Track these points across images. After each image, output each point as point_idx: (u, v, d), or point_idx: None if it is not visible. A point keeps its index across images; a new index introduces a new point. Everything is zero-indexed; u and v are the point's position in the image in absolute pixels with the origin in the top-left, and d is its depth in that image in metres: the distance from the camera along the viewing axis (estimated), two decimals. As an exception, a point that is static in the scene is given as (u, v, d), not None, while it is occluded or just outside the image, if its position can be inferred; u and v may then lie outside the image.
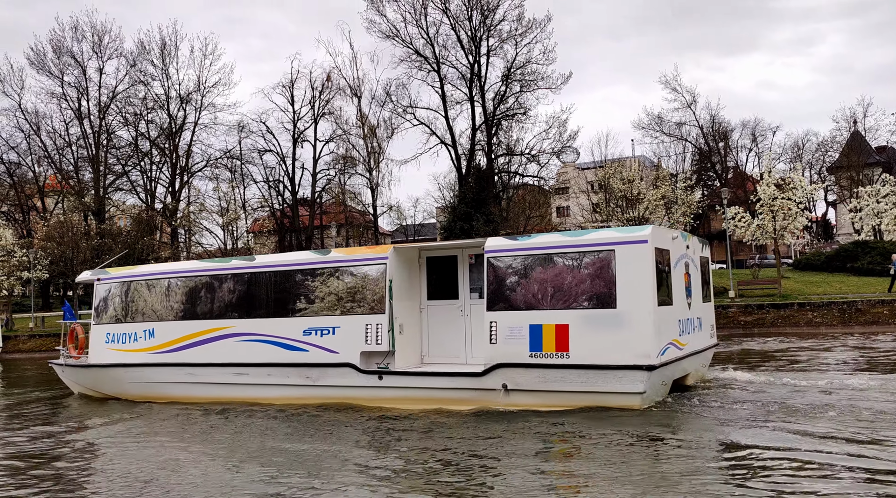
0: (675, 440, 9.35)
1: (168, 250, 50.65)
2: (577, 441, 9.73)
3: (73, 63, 50.63)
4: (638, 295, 11.30)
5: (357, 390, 13.32)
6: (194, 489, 8.22)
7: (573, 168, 63.74)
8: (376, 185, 53.45)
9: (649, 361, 11.08)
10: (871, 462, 7.84)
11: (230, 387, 14.52)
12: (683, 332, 12.68)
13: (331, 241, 61.03)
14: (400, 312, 13.50)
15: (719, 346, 15.94)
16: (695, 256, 13.91)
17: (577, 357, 11.51)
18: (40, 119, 52.80)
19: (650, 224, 35.72)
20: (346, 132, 54.34)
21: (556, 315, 11.75)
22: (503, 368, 11.98)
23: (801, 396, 11.90)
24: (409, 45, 48.93)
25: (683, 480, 7.51)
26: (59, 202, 55.75)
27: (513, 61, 48.59)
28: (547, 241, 12.42)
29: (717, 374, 14.74)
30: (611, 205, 44.03)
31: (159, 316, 15.78)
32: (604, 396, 11.38)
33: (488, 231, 42.70)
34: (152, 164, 53.86)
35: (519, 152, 51.04)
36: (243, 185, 57.06)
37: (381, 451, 9.76)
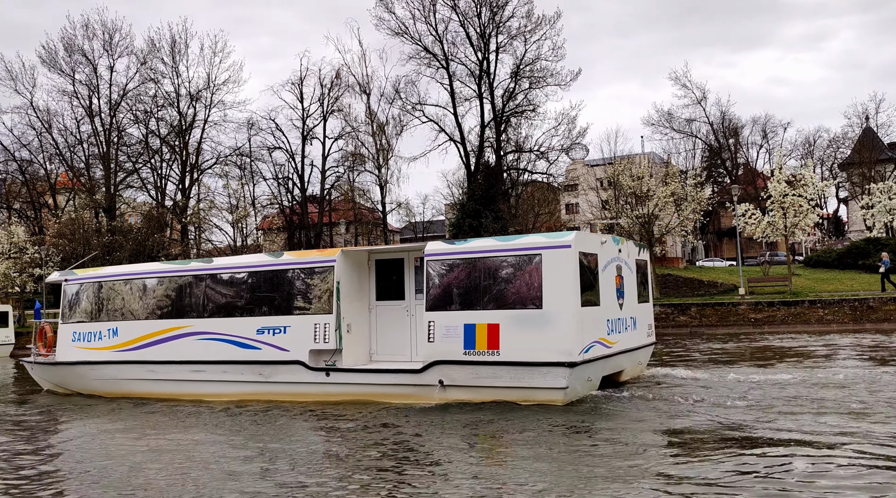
0: (587, 431, 10.18)
1: (178, 247, 50.90)
2: (502, 431, 10.47)
3: (85, 61, 50.95)
4: (562, 296, 12.02)
5: (306, 387, 13.92)
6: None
7: (582, 165, 63.55)
8: (385, 182, 53.49)
9: (571, 359, 11.79)
10: (747, 458, 8.28)
11: (189, 383, 15.13)
12: (613, 331, 13.41)
13: (340, 238, 61.13)
14: (348, 312, 14.16)
15: (658, 344, 16.99)
16: (629, 259, 14.65)
17: (506, 354, 12.19)
18: (52, 117, 53.18)
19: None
20: (355, 129, 54.43)
21: (487, 315, 12.44)
22: (440, 365, 12.64)
23: (729, 391, 12.67)
24: (418, 42, 48.95)
25: (589, 461, 8.49)
26: (71, 199, 56.09)
27: (522, 58, 48.52)
28: (480, 245, 13.12)
29: (664, 371, 15.72)
30: (620, 202, 43.82)
31: (122, 315, 16.42)
32: (530, 391, 12.06)
33: (497, 228, 42.65)
34: (162, 162, 54.13)
35: (528, 149, 50.94)
36: (253, 183, 57.26)
37: (325, 442, 10.44)
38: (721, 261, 61.87)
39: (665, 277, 40.10)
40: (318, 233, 56.42)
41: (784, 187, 35.64)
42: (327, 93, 53.89)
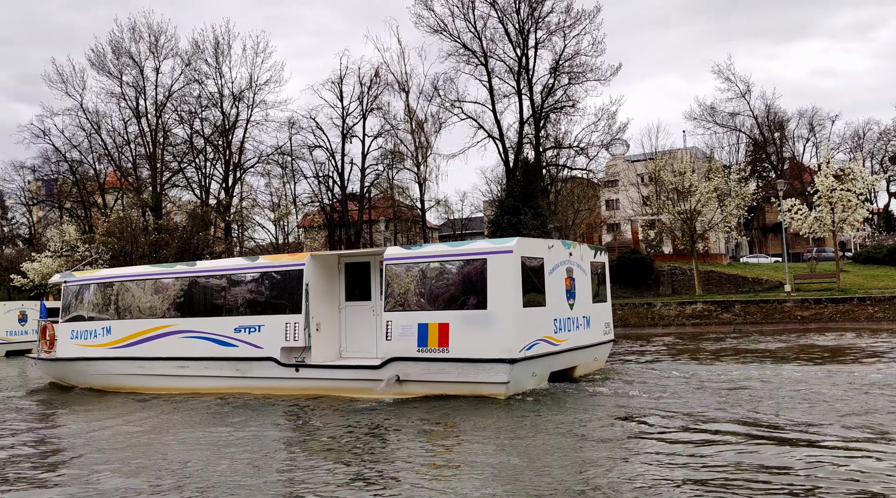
0: (520, 422, 11.08)
1: (222, 245, 51.88)
2: (448, 422, 11.50)
3: (132, 63, 52.16)
4: (504, 298, 12.89)
5: (278, 381, 15.05)
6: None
7: (623, 160, 62.87)
8: (424, 179, 53.74)
9: (512, 356, 12.67)
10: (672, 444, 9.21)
11: (174, 378, 16.31)
12: (561, 329, 14.27)
13: (379, 235, 61.61)
14: (317, 311, 15.12)
15: (617, 342, 17.85)
16: (582, 262, 15.56)
17: (455, 352, 13.08)
18: (101, 118, 54.58)
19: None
20: (394, 127, 54.75)
21: (439, 315, 13.36)
22: (396, 362, 13.57)
23: (676, 385, 13.63)
24: (457, 39, 48.96)
25: (525, 443, 9.68)
26: (119, 199, 57.59)
27: (561, 53, 48.20)
28: (433, 250, 14.24)
29: (619, 366, 17.01)
30: (661, 197, 43.31)
31: (115, 315, 17.65)
32: (476, 386, 12.98)
33: (536, 225, 42.50)
34: (206, 161, 55.20)
35: (567, 145, 50.59)
36: (294, 181, 58.08)
37: (295, 432, 11.56)
38: (766, 257, 60.60)
39: (708, 274, 39.49)
40: (358, 231, 56.94)
41: (832, 182, 34.80)
42: (367, 91, 54.34)
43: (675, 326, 33.22)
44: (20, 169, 62.16)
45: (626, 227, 60.52)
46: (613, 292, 41.55)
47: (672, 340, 27.68)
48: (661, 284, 40.46)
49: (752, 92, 61.37)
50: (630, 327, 34.16)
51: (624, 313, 35.32)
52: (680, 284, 40.16)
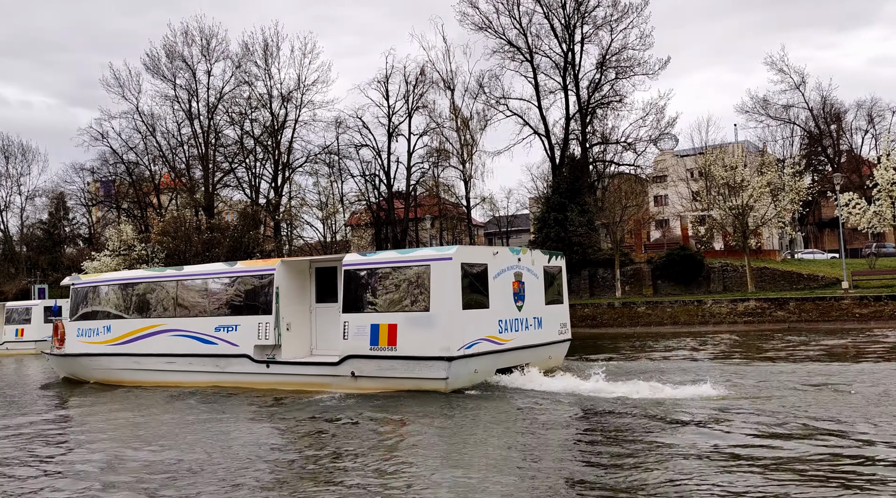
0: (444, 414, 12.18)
1: (272, 244, 52.89)
2: (393, 412, 12.78)
3: (184, 66, 53.54)
4: (445, 301, 13.98)
5: (251, 376, 16.40)
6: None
7: (671, 155, 61.77)
8: (469, 177, 53.72)
9: (450, 353, 13.79)
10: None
11: (164, 373, 17.81)
12: (507, 330, 15.26)
13: (425, 233, 61.87)
14: (287, 312, 16.41)
15: (572, 340, 18.58)
16: (534, 266, 16.49)
17: (402, 350, 14.29)
18: (155, 121, 56.22)
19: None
20: (440, 125, 54.88)
21: (388, 317, 14.55)
22: (352, 359, 14.85)
23: (612, 381, 14.11)
24: (502, 35, 48.81)
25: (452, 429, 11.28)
26: (173, 199, 59.21)
27: (608, 48, 47.62)
28: (385, 257, 15.56)
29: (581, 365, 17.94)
30: (712, 193, 42.39)
31: (113, 314, 19.23)
32: (420, 381, 14.15)
33: (583, 221, 42.10)
34: (256, 161, 56.29)
35: (614, 141, 50.01)
36: (341, 180, 58.76)
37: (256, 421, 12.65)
38: (822, 253, 58.80)
39: (761, 271, 38.55)
40: (405, 228, 57.31)
41: (892, 175, 33.63)
42: (412, 90, 54.61)
43: (727, 324, 32.54)
44: (80, 171, 64.56)
45: (675, 224, 59.46)
46: (662, 288, 40.93)
47: (730, 337, 27.14)
48: (712, 281, 39.66)
49: (806, 83, 59.39)
50: (680, 325, 33.60)
51: (674, 310, 34.76)
52: (731, 281, 39.30)
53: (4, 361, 31.26)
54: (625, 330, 34.30)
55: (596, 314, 36.68)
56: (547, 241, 43.68)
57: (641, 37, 47.26)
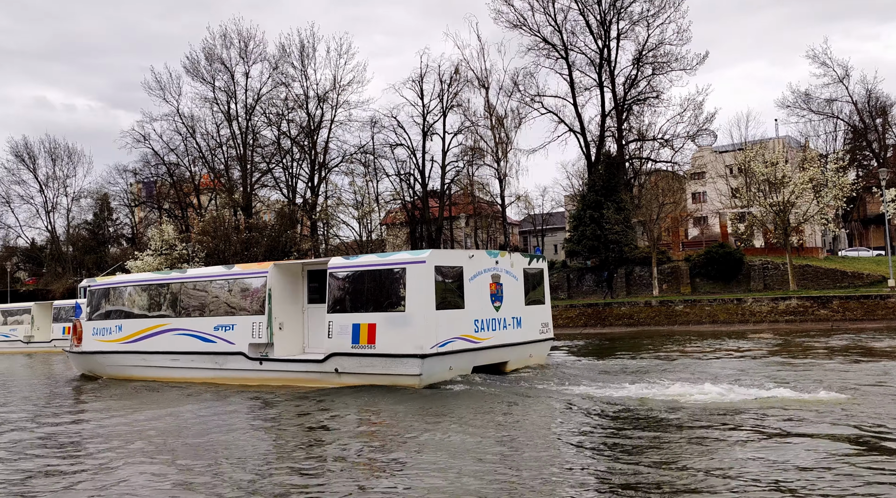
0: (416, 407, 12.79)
1: (308, 243, 53.53)
2: (370, 404, 13.55)
3: (223, 69, 54.51)
4: (419, 301, 14.70)
5: (246, 373, 17.26)
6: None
7: (710, 152, 60.82)
8: (504, 175, 53.65)
9: (423, 351, 14.45)
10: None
11: (168, 369, 18.75)
12: (483, 329, 15.88)
13: (460, 231, 61.96)
14: (280, 312, 17.17)
15: (555, 339, 19.03)
16: (513, 269, 17.09)
17: (380, 348, 15.02)
18: (195, 122, 57.36)
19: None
20: (474, 124, 54.92)
21: (368, 317, 15.29)
22: (336, 356, 15.59)
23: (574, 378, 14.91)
24: (537, 33, 48.64)
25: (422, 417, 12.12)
26: (213, 199, 60.31)
27: (644, 43, 47.11)
28: (366, 261, 16.20)
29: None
30: (752, 189, 41.67)
31: (124, 315, 20.31)
32: (396, 377, 14.85)
33: (619, 219, 41.73)
34: (293, 161, 57.05)
35: (651, 137, 49.46)
36: (376, 179, 59.18)
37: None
38: (867, 250, 57.26)
39: (803, 269, 37.76)
40: (439, 227, 57.48)
41: (941, 169, 32.57)
42: (447, 89, 54.73)
43: (768, 323, 31.97)
44: (123, 172, 66.24)
45: (714, 221, 58.56)
46: (700, 287, 40.39)
47: (771, 336, 26.67)
48: (752, 280, 38.98)
49: (850, 76, 57.83)
50: (719, 324, 33.11)
51: (712, 309, 34.26)
52: (772, 279, 38.57)
53: (53, 358, 32.23)
54: (662, 328, 33.92)
55: (633, 313, 36.34)
56: (583, 240, 43.40)
57: (679, 32, 46.68)
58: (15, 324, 41.73)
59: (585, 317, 37.37)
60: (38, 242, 71.79)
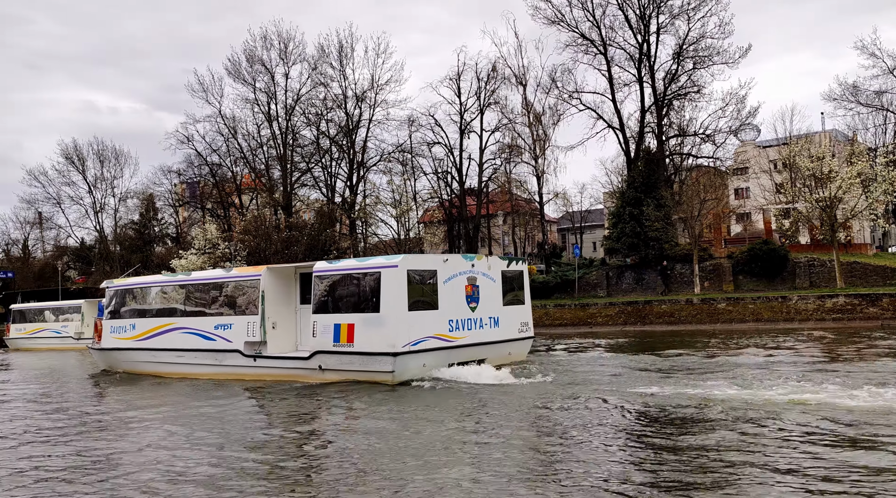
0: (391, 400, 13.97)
1: (347, 241, 54.04)
2: (349, 396, 14.89)
3: (264, 70, 55.25)
4: (392, 303, 15.83)
5: (242, 369, 18.51)
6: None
7: (753, 146, 59.56)
8: (542, 172, 53.33)
9: (395, 349, 15.59)
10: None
11: (175, 365, 20.08)
12: (458, 328, 16.86)
13: (497, 229, 61.88)
14: (273, 313, 18.37)
15: (535, 338, 20.35)
16: (490, 271, 18.04)
17: (358, 346, 16.20)
18: (237, 123, 58.28)
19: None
20: (512, 121, 54.74)
21: (348, 317, 16.45)
22: (319, 354, 16.80)
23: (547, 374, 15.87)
24: (575, 28, 48.23)
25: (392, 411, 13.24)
26: (254, 199, 61.31)
27: (685, 37, 46.32)
28: (346, 265, 17.33)
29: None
30: (797, 185, 40.68)
31: (137, 314, 21.74)
32: (372, 374, 16.01)
33: (660, 216, 41.19)
34: (332, 161, 57.61)
35: (692, 133, 48.64)
36: (414, 178, 59.39)
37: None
38: (919, 247, 55.49)
39: (850, 266, 36.76)
40: (477, 225, 57.47)
41: None
42: (484, 86, 54.65)
43: (814, 321, 31.23)
44: (168, 173, 67.65)
45: (758, 217, 57.32)
46: (743, 284, 39.71)
47: (821, 334, 26.07)
48: (797, 277, 38.09)
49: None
50: (763, 322, 32.46)
51: (756, 307, 33.60)
52: (818, 276, 37.65)
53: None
54: (704, 327, 33.39)
55: (673, 311, 35.86)
56: (622, 237, 42.95)
57: (721, 24, 45.79)
58: (66, 321, 43.08)
59: (625, 315, 37.00)
60: (88, 242, 73.85)
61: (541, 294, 43.18)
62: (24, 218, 78.63)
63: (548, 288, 43.98)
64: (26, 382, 22.12)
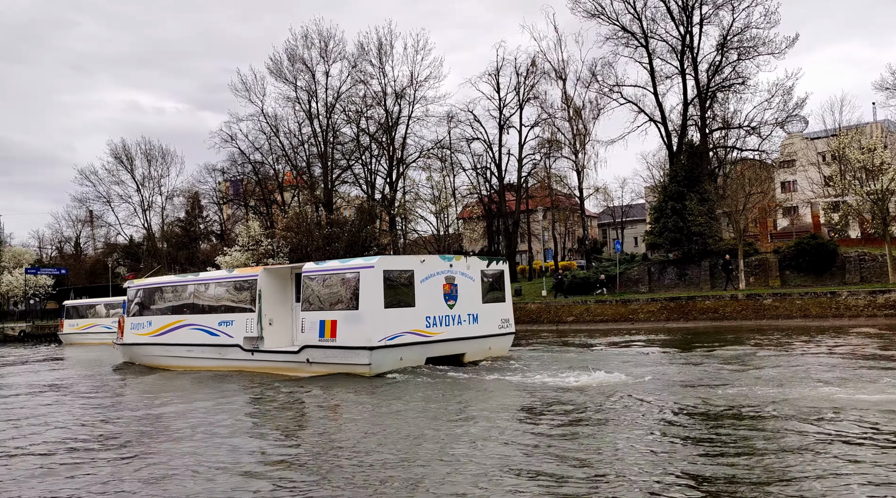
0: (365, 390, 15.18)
1: (387, 238, 54.42)
2: (332, 387, 15.97)
3: (304, 69, 55.92)
4: (369, 301, 17.05)
5: (241, 362, 19.84)
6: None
7: (800, 138, 58.07)
8: (582, 167, 52.89)
9: (371, 344, 16.78)
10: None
11: (186, 359, 21.69)
12: (435, 324, 18.00)
13: (537, 225, 61.62)
14: (269, 310, 19.82)
15: (516, 334, 21.12)
16: (469, 271, 19.17)
17: (340, 341, 17.35)
18: (278, 122, 59.14)
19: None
20: (551, 116, 54.38)
21: (332, 314, 17.70)
22: (307, 349, 18.01)
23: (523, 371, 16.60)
24: (615, 21, 47.59)
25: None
26: (295, 196, 62.14)
27: (729, 28, 45.30)
28: (330, 266, 18.50)
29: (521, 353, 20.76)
30: (847, 177, 39.59)
31: (153, 312, 23.35)
32: (352, 366, 17.22)
33: (703, 210, 40.48)
34: (372, 158, 58.03)
35: (737, 125, 47.60)
36: (453, 174, 59.48)
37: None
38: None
39: (904, 260, 35.58)
40: (516, 221, 57.30)
41: None
42: (523, 81, 54.40)
43: (865, 318, 30.35)
44: (212, 172, 69.00)
45: (805, 211, 55.92)
46: (790, 280, 38.84)
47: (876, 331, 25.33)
48: (847, 272, 37.05)
49: (958, 54, 53.94)
50: (811, 318, 31.66)
51: (804, 303, 32.80)
52: (869, 271, 36.56)
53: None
54: (749, 323, 32.73)
55: (717, 307, 35.23)
56: (664, 232, 42.35)
57: (766, 14, 44.59)
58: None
59: (668, 311, 36.49)
60: (136, 239, 75.85)
61: (581, 290, 42.84)
62: (75, 216, 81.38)
63: (588, 284, 43.63)
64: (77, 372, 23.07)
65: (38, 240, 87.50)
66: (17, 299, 72.99)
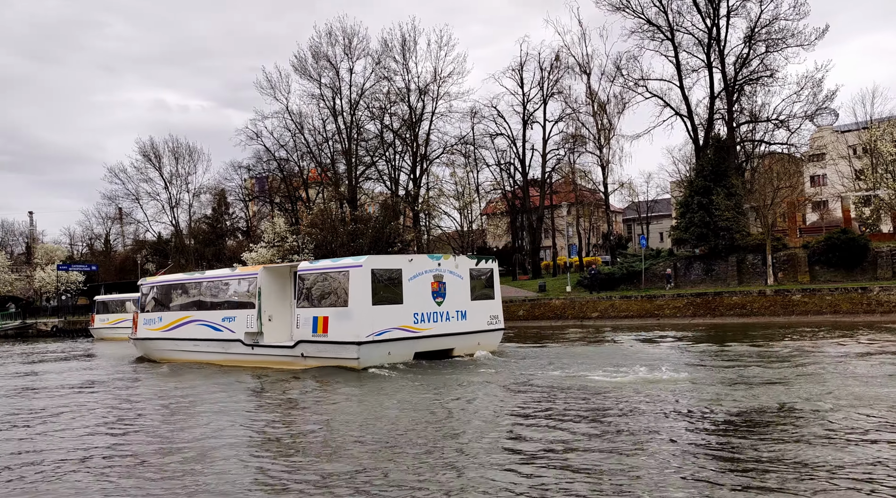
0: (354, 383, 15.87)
1: (411, 234, 54.55)
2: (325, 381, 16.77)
3: (329, 66, 56.21)
4: (358, 298, 17.88)
5: (242, 356, 20.90)
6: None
7: (830, 132, 57.04)
8: (607, 162, 52.53)
9: (359, 339, 17.66)
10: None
11: (193, 353, 22.72)
12: (423, 321, 18.73)
13: (561, 220, 61.33)
14: (269, 307, 20.80)
15: (505, 331, 21.83)
16: (458, 269, 19.82)
17: (331, 336, 18.28)
18: (303, 119, 59.52)
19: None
20: (576, 111, 54.09)
21: (324, 311, 18.60)
22: (302, 343, 18.96)
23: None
24: (640, 14, 47.12)
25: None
26: (320, 192, 62.53)
27: (757, 20, 44.61)
28: (323, 265, 19.49)
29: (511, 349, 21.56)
30: (878, 171, 38.86)
31: (163, 308, 24.61)
32: (343, 360, 18.07)
33: (730, 205, 40.01)
34: (395, 154, 58.20)
35: (765, 118, 46.89)
36: (476, 170, 59.48)
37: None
38: None
39: (938, 255, 34.82)
40: (540, 216, 57.11)
41: None
42: (547, 76, 54.19)
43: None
44: (238, 169, 69.66)
45: (835, 205, 54.93)
46: (819, 275, 38.34)
47: None
48: (879, 267, 36.36)
49: None
50: (841, 314, 31.17)
51: (834, 299, 32.30)
52: (902, 266, 35.84)
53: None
54: (778, 319, 32.31)
55: (745, 302, 34.82)
56: (690, 227, 41.93)
57: (795, 5, 43.82)
58: None
59: (694, 307, 36.14)
60: (164, 236, 76.90)
61: (606, 286, 42.60)
62: (105, 214, 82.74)
63: (613, 279, 43.35)
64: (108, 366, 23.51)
65: (70, 237, 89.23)
66: (50, 295, 74.44)
